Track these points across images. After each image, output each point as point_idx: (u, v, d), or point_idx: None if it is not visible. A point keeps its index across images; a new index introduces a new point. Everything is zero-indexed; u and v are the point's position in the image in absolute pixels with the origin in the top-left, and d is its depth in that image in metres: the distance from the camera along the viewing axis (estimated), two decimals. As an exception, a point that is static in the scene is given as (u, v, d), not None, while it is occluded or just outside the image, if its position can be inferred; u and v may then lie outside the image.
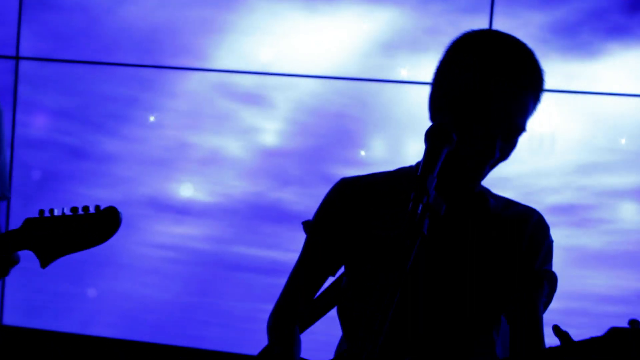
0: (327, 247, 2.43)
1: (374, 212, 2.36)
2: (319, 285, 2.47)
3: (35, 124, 4.69)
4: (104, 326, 4.63)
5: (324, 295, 2.52)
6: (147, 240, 4.61)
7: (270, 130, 4.50)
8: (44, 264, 2.27)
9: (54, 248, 2.26)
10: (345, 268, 2.44)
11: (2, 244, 2.27)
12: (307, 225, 2.48)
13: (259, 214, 4.50)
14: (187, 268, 4.57)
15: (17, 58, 4.67)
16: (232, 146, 4.52)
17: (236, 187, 4.54)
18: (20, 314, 4.69)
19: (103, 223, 2.25)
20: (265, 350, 2.47)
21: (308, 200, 4.39)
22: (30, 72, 4.67)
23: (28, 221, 2.28)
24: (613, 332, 1.92)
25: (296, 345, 2.38)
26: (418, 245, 1.85)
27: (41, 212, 2.27)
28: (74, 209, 2.26)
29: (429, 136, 2.00)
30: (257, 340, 4.38)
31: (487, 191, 2.39)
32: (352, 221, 2.38)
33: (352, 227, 2.38)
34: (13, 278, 4.76)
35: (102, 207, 2.27)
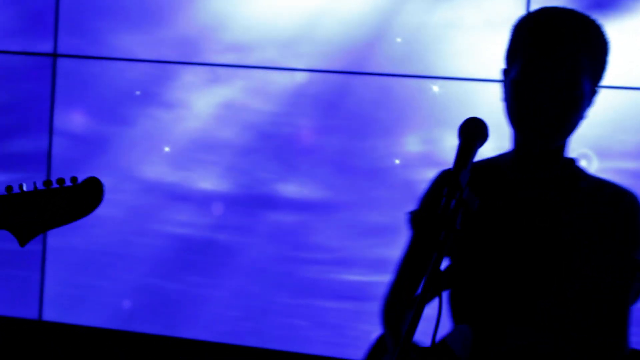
0: (431, 238, 2.45)
1: None
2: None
3: (72, 119, 4.72)
4: (141, 322, 4.65)
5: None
6: (166, 230, 4.62)
7: (272, 118, 4.50)
8: (22, 243, 2.11)
9: (32, 225, 2.09)
10: (451, 255, 2.45)
11: None
12: (411, 217, 2.50)
13: (266, 202, 4.50)
14: (200, 258, 4.58)
15: (55, 55, 4.70)
16: (239, 135, 4.53)
17: (245, 174, 4.54)
18: (60, 309, 4.73)
19: (84, 195, 2.09)
20: (380, 340, 2.50)
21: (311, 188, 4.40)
22: (68, 69, 4.70)
23: None
24: None
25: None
26: (451, 240, 1.85)
27: (9, 188, 2.11)
28: (47, 182, 2.10)
29: (463, 131, 2.01)
30: (275, 333, 4.40)
31: (580, 173, 2.37)
32: None
33: None
34: (52, 274, 4.81)
35: (80, 179, 2.11)
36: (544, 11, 2.27)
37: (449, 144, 4.21)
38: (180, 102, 4.60)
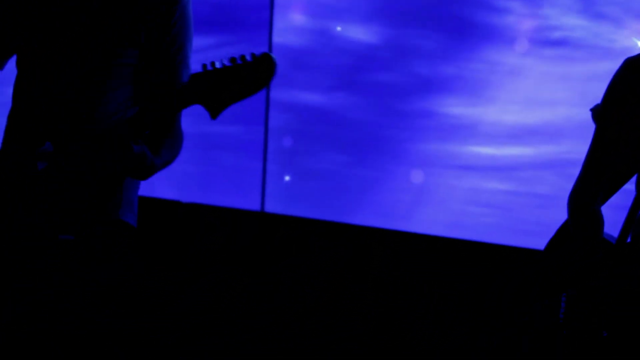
0: (617, 133, 2.40)
1: None
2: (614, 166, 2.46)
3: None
4: (366, 214, 4.69)
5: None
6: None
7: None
8: (214, 115, 2.36)
9: (221, 99, 2.34)
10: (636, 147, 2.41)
11: (175, 100, 2.37)
12: (595, 112, 2.45)
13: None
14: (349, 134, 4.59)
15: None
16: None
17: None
18: (280, 201, 4.85)
19: (260, 70, 2.31)
20: (563, 227, 2.51)
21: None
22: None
23: (193, 77, 2.37)
24: None
25: (599, 222, 2.40)
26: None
27: (204, 66, 2.36)
28: (233, 59, 2.33)
29: None
30: (450, 220, 4.30)
31: None
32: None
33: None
34: (273, 166, 4.92)
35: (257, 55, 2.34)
36: None
37: None
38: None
